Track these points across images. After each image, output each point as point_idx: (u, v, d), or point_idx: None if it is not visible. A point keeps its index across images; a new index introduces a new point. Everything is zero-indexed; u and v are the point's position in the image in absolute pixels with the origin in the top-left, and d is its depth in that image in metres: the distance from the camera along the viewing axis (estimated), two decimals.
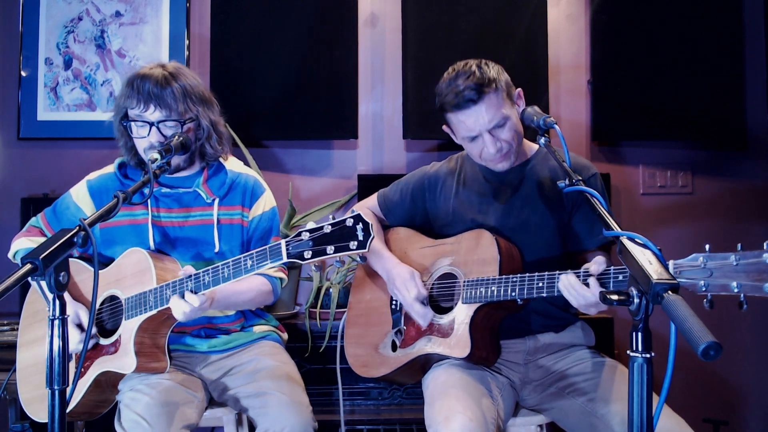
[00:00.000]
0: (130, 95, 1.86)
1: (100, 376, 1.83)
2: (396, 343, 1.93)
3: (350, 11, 2.96)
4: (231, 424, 2.01)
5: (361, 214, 1.49)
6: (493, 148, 1.85)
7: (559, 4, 3.10)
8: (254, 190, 2.03)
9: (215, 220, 1.96)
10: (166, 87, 1.85)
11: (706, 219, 3.11)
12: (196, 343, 1.98)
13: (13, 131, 3.00)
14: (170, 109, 1.86)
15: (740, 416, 3.11)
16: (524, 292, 1.69)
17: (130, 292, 1.82)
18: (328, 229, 1.49)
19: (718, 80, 3.00)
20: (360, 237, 1.47)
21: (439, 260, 1.94)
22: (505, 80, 1.86)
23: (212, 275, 1.68)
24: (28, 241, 2.01)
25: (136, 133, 1.89)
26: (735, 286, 1.23)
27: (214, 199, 1.97)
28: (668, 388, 1.16)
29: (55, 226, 2.02)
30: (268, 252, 1.59)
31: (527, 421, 1.88)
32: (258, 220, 2.01)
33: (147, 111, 1.86)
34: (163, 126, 1.87)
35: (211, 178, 2.01)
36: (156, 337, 1.83)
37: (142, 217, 1.95)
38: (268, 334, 2.08)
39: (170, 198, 1.98)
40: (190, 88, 1.91)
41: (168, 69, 1.90)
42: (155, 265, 1.80)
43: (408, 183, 2.13)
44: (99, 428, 2.62)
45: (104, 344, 1.86)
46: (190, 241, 1.96)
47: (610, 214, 1.46)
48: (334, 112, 2.95)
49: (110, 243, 1.96)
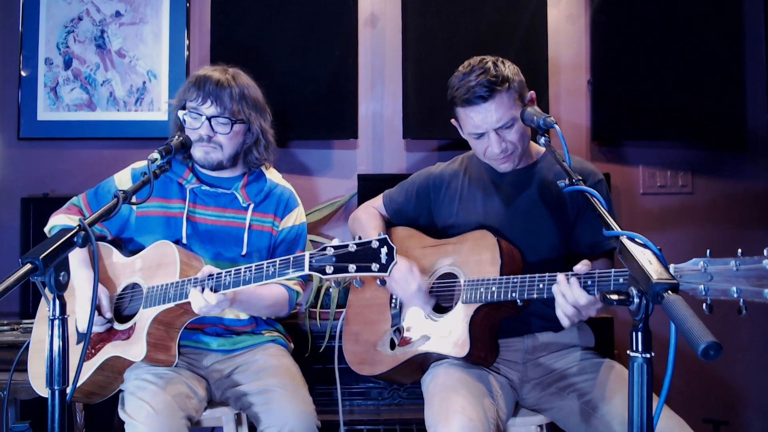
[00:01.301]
0: (192, 89, 1.98)
1: (108, 360, 1.86)
2: (395, 341, 1.94)
3: (350, 11, 2.96)
4: (230, 423, 2.01)
5: (387, 238, 1.50)
6: (497, 148, 1.84)
7: (559, 4, 3.10)
8: (289, 203, 2.12)
9: (247, 225, 2.04)
10: (225, 86, 1.98)
11: (705, 219, 3.11)
12: (208, 341, 2.02)
13: (13, 131, 3.00)
14: (225, 107, 1.97)
15: (740, 416, 3.10)
16: (524, 293, 1.69)
17: (152, 282, 1.86)
18: (353, 248, 1.50)
19: (718, 80, 3.00)
20: (383, 261, 1.49)
21: (440, 260, 1.94)
22: (519, 81, 1.85)
23: (233, 277, 1.72)
24: (66, 219, 2.06)
25: (189, 124, 1.99)
26: (735, 291, 1.23)
27: (249, 204, 2.06)
28: (668, 388, 1.16)
29: (95, 207, 2.08)
30: (291, 262, 1.61)
31: (527, 421, 1.88)
32: (287, 231, 2.10)
33: (204, 105, 1.97)
34: (215, 121, 1.98)
35: (250, 184, 2.09)
36: (170, 331, 1.86)
37: (177, 210, 2.02)
38: (275, 339, 2.12)
39: (208, 195, 2.05)
40: (246, 92, 2.03)
41: (229, 72, 2.03)
42: (181, 260, 1.85)
43: (413, 183, 2.13)
44: (99, 428, 2.63)
45: (118, 329, 1.89)
46: (218, 240, 2.02)
47: (612, 216, 1.46)
48: (334, 112, 2.95)
49: (143, 231, 2.02)
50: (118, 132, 2.99)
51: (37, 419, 1.96)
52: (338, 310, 2.56)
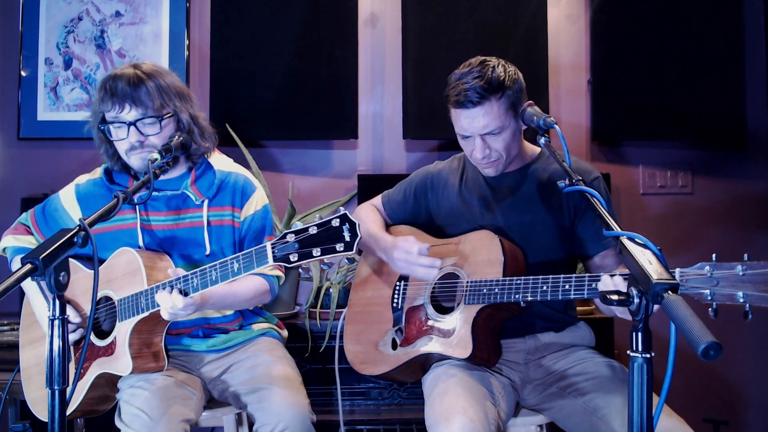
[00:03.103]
0: (104, 98, 1.82)
1: (98, 377, 1.83)
2: (396, 341, 1.93)
3: (350, 11, 2.96)
4: (231, 423, 2.01)
5: (347, 213, 1.44)
6: (480, 154, 1.85)
7: (559, 4, 3.10)
8: (244, 190, 1.98)
9: (205, 222, 1.93)
10: (139, 85, 1.81)
11: (705, 219, 3.10)
12: (194, 344, 1.98)
13: (13, 131, 3.00)
14: (146, 107, 1.81)
15: (740, 416, 3.10)
16: (528, 294, 1.69)
17: (122, 293, 1.81)
18: (314, 230, 1.45)
19: (718, 80, 3.00)
20: (347, 238, 1.43)
21: (442, 260, 1.94)
22: (516, 89, 1.82)
23: (200, 278, 1.68)
24: (13, 239, 2.03)
25: (115, 136, 1.86)
26: (741, 296, 1.23)
27: (203, 201, 1.94)
28: (668, 388, 1.16)
29: (43, 226, 2.03)
30: (254, 255, 1.58)
31: (527, 421, 1.88)
32: (250, 219, 1.98)
33: (123, 111, 1.81)
34: (141, 124, 1.83)
35: (200, 179, 1.96)
36: (151, 338, 1.82)
37: (130, 221, 1.93)
38: (267, 331, 2.07)
39: (159, 201, 1.94)
40: (165, 84, 1.86)
41: (140, 68, 1.86)
42: (145, 265, 1.79)
43: (411, 183, 2.13)
44: (99, 427, 2.62)
45: (100, 346, 1.85)
46: (180, 244, 1.94)
47: (612, 215, 1.46)
48: (334, 112, 2.95)
49: (102, 249, 1.93)
50: None
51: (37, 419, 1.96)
52: (338, 310, 2.55)
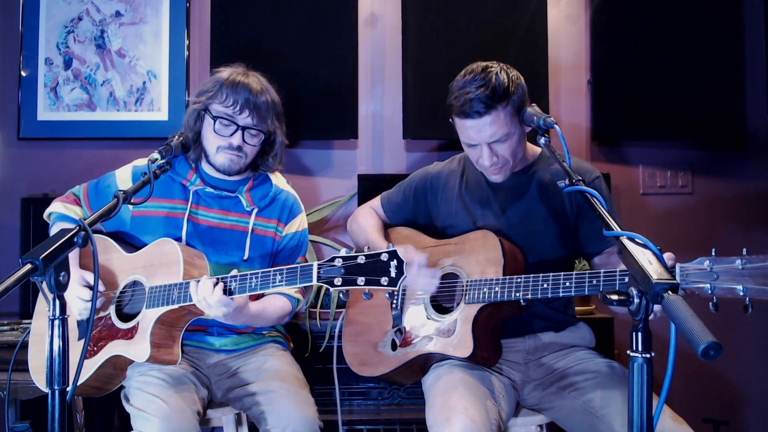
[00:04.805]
0: (225, 93, 1.91)
1: (111, 358, 1.85)
2: (396, 342, 1.93)
3: (350, 11, 2.96)
4: (231, 423, 2.01)
5: (397, 251, 1.47)
6: (488, 161, 1.84)
7: (559, 4, 3.10)
8: (293, 209, 2.09)
9: (250, 229, 2.01)
10: (260, 97, 1.93)
11: (705, 219, 3.10)
12: (207, 341, 2.02)
13: (13, 131, 3.00)
14: (260, 119, 1.94)
15: (740, 416, 3.10)
16: (528, 292, 1.69)
17: (155, 281, 1.84)
18: (362, 260, 1.49)
19: (718, 80, 3.00)
20: (392, 274, 1.46)
21: (442, 260, 1.94)
22: (520, 95, 1.81)
23: (239, 283, 1.70)
24: (62, 207, 2.04)
25: (218, 129, 1.94)
26: (741, 289, 1.23)
27: (253, 209, 2.03)
28: (668, 388, 1.16)
29: (93, 200, 2.05)
30: (299, 272, 1.60)
31: (527, 421, 1.88)
32: (290, 237, 2.08)
33: (241, 114, 1.92)
34: (247, 132, 1.95)
35: (255, 188, 2.06)
36: (172, 330, 1.85)
37: (180, 210, 1.99)
38: (276, 338, 2.12)
39: (212, 198, 2.02)
40: (275, 102, 2.01)
41: (260, 80, 1.99)
42: (185, 260, 1.82)
43: (410, 183, 2.13)
44: (99, 428, 2.63)
45: (121, 328, 1.87)
46: (220, 242, 2.00)
47: (613, 215, 1.46)
48: (334, 112, 2.95)
49: (142, 230, 1.99)
50: (118, 132, 2.99)
51: (37, 419, 1.96)
52: (338, 310, 2.56)
